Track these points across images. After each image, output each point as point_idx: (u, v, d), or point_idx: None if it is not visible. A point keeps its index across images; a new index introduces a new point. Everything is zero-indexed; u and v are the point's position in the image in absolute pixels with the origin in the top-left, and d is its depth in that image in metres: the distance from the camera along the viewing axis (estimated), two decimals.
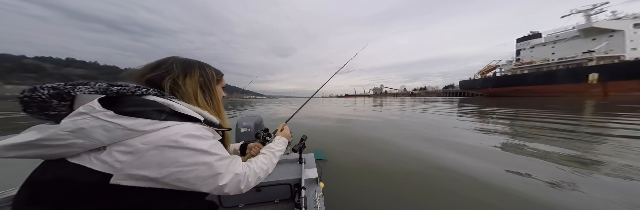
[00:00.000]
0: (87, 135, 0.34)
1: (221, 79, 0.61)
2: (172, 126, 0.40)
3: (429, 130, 4.65)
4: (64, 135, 0.33)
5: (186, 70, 0.51)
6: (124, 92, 0.40)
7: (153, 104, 0.41)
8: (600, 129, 4.46)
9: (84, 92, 0.37)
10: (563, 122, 5.44)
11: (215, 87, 0.57)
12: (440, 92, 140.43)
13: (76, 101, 0.39)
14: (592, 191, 1.68)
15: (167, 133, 0.39)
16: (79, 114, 0.35)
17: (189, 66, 0.52)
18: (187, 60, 0.54)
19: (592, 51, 34.53)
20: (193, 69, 0.53)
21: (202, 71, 0.54)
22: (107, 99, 0.38)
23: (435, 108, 12.28)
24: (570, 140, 3.46)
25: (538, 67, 39.88)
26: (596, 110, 8.79)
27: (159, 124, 0.39)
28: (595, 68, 30.76)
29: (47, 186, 0.34)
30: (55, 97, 0.36)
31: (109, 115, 0.35)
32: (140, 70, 0.49)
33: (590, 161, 2.41)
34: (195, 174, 0.40)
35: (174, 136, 0.39)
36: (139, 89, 0.42)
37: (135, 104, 0.40)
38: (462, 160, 2.46)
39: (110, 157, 0.35)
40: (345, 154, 2.84)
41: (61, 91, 0.36)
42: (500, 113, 8.47)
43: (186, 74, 0.51)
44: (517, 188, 1.73)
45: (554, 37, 41.92)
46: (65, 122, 0.34)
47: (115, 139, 0.36)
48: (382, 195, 1.69)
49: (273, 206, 0.99)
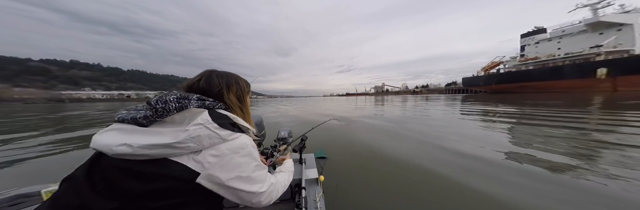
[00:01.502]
0: (199, 141, 0.43)
1: (249, 90, 0.65)
2: (240, 136, 0.49)
3: (430, 128, 4.57)
4: (188, 139, 0.42)
5: (228, 83, 0.58)
6: (210, 107, 0.50)
7: (226, 117, 0.50)
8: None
9: (194, 105, 0.47)
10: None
11: (246, 99, 0.63)
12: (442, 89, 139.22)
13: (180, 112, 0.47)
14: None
15: (239, 142, 0.48)
16: (197, 124, 0.44)
17: (228, 79, 0.59)
18: (225, 73, 0.60)
19: (600, 45, 33.75)
20: (233, 82, 0.59)
21: (237, 84, 0.60)
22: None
23: (435, 106, 12.09)
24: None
25: (543, 62, 39.16)
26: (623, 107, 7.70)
27: (234, 134, 0.48)
28: (603, 62, 30.05)
29: (147, 179, 0.40)
30: (179, 109, 0.45)
31: (214, 127, 0.45)
32: (195, 82, 0.56)
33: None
34: (248, 179, 0.48)
35: (244, 144, 0.49)
36: (216, 103, 0.52)
37: (219, 116, 0.48)
38: (464, 159, 2.41)
39: (203, 158, 0.44)
40: (345, 153, 2.82)
41: (183, 105, 0.46)
42: (505, 111, 8.21)
43: (229, 87, 0.58)
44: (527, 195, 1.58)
45: (559, 31, 41.00)
46: (192, 129, 0.43)
47: (212, 145, 0.45)
48: (383, 193, 1.67)
49: (273, 206, 0.98)
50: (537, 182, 1.79)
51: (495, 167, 2.16)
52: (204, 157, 0.43)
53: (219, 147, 0.45)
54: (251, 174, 0.49)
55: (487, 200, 1.51)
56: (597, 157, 2.39)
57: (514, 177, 1.88)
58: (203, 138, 0.43)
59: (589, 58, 33.51)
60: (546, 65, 38.32)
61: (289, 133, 1.29)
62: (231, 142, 0.47)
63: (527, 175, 1.93)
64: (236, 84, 0.60)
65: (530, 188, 1.68)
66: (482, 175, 1.98)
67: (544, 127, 4.27)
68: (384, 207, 1.47)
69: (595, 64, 30.55)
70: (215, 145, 0.45)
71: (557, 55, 37.94)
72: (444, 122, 5.53)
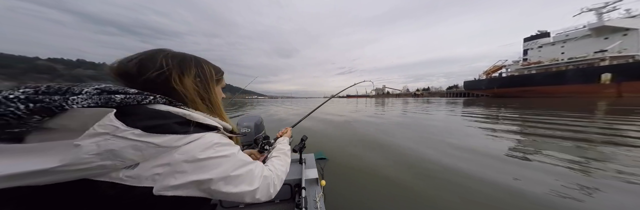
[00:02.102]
0: (117, 156, 0.30)
1: (221, 78, 0.53)
2: (200, 138, 0.38)
3: (431, 130, 4.50)
4: (89, 158, 0.29)
5: (182, 67, 0.43)
6: (128, 102, 0.33)
7: (169, 115, 0.36)
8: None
9: (80, 104, 0.30)
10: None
11: (214, 88, 0.49)
12: (443, 92, 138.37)
13: (63, 114, 0.29)
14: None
15: (198, 144, 0.37)
16: (98, 135, 0.29)
17: (183, 62, 0.43)
18: (181, 54, 0.45)
19: (605, 50, 33.17)
20: (189, 65, 0.44)
21: (198, 69, 0.46)
22: (120, 113, 0.32)
23: (436, 108, 12.04)
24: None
25: (546, 66, 38.57)
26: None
27: (188, 137, 0.36)
28: (608, 68, 29.46)
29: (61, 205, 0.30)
30: (39, 112, 0.28)
31: (136, 134, 0.31)
32: (124, 67, 0.40)
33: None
34: (229, 180, 0.39)
35: (207, 144, 0.38)
36: (144, 96, 0.35)
37: (151, 116, 0.34)
38: (465, 160, 2.39)
39: (146, 171, 0.32)
40: (345, 153, 2.80)
41: (48, 105, 0.28)
42: (509, 112, 8.02)
43: (183, 71, 0.43)
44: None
45: (563, 36, 40.47)
46: (87, 143, 0.29)
47: (148, 157, 0.33)
48: (383, 194, 1.66)
49: (273, 206, 0.98)
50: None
51: (495, 164, 2.18)
52: (144, 171, 0.32)
53: (167, 156, 0.34)
54: (231, 173, 0.39)
55: (487, 201, 1.49)
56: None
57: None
58: (124, 151, 0.30)
59: (593, 63, 32.90)
60: (549, 69, 37.75)
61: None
62: (185, 147, 0.35)
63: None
64: (198, 67, 0.45)
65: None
66: (480, 174, 1.97)
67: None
68: (384, 207, 1.46)
69: (600, 69, 30.00)
70: (160, 155, 0.33)
71: (561, 59, 37.34)
72: (446, 123, 5.46)
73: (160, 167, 0.33)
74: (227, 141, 0.43)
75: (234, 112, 10.94)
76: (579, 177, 1.99)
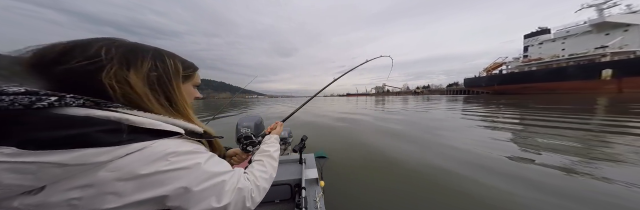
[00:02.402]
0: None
1: (192, 74, 0.43)
2: (145, 148, 0.29)
3: (431, 129, 4.44)
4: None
5: (129, 58, 0.33)
6: (4, 106, 0.24)
7: (87, 122, 0.26)
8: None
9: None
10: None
11: (178, 85, 0.39)
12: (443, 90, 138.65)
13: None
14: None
15: (141, 155, 0.29)
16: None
17: (133, 52, 0.34)
18: (135, 44, 0.36)
19: (605, 46, 33.06)
20: (141, 57, 0.35)
21: (156, 62, 0.36)
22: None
23: (436, 106, 12.08)
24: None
25: (547, 63, 38.49)
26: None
27: (121, 149, 0.27)
28: (608, 64, 29.37)
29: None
30: None
31: (8, 154, 0.22)
32: (40, 55, 0.29)
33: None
34: (190, 196, 0.31)
35: (154, 156, 0.29)
36: (38, 98, 0.25)
37: (51, 125, 0.25)
38: (466, 159, 2.38)
39: (55, 197, 0.25)
40: (345, 152, 2.78)
41: None
42: (507, 109, 7.96)
43: (129, 64, 0.33)
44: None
45: (563, 32, 40.36)
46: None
47: (53, 179, 0.25)
48: (383, 193, 1.65)
49: (273, 206, 0.97)
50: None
51: (496, 162, 2.20)
52: (52, 196, 0.25)
53: (87, 176, 0.26)
54: (194, 189, 0.31)
55: (486, 200, 1.48)
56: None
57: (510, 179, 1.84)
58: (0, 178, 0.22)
59: (594, 59, 32.82)
60: (550, 66, 37.67)
61: (289, 133, 1.24)
62: (118, 161, 0.27)
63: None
64: (156, 60, 0.36)
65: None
66: (482, 173, 1.97)
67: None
68: (384, 207, 1.45)
69: (601, 65, 29.90)
70: (76, 175, 0.26)
71: (562, 56, 37.24)
72: (446, 122, 5.34)
73: (78, 190, 0.25)
74: (190, 148, 0.34)
75: (230, 112, 10.81)
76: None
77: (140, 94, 0.33)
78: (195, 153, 0.34)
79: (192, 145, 0.36)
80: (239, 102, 31.04)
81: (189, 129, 0.38)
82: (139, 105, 0.34)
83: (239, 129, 1.77)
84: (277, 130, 0.74)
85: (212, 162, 0.36)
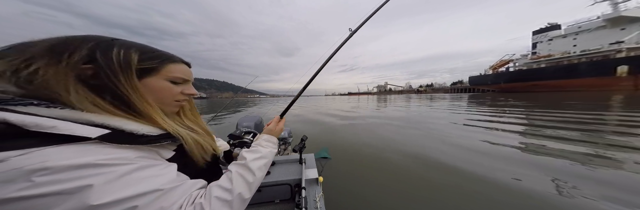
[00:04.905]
0: None
1: (157, 66, 0.35)
2: (13, 157, 0.22)
3: (434, 129, 4.21)
4: None
5: (55, 49, 0.28)
6: None
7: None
8: None
9: None
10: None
11: (128, 80, 0.32)
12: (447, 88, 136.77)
13: None
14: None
15: (16, 163, 0.22)
16: None
17: (65, 43, 0.29)
18: (81, 36, 0.31)
19: (621, 42, 31.55)
20: (73, 48, 0.29)
21: (97, 53, 0.30)
22: None
23: (445, 105, 11.74)
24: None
25: (557, 60, 37.04)
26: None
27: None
28: (624, 60, 27.99)
29: None
30: None
31: None
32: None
33: None
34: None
35: (7, 174, 0.21)
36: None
37: None
38: (468, 159, 2.32)
39: None
40: (346, 152, 2.77)
41: None
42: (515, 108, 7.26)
43: (53, 56, 0.28)
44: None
45: (575, 28, 38.63)
46: None
47: None
48: (384, 192, 1.64)
49: (273, 206, 0.98)
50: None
51: (497, 160, 2.17)
52: None
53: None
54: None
55: (487, 199, 1.49)
56: None
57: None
58: None
59: (608, 55, 31.38)
60: (560, 63, 36.24)
61: (289, 133, 1.22)
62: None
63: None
64: (98, 50, 0.30)
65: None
66: (484, 168, 2.00)
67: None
68: (385, 207, 1.45)
69: (616, 61, 28.50)
70: None
71: (573, 52, 35.75)
72: (449, 122, 5.03)
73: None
74: (93, 159, 0.25)
75: (225, 112, 10.62)
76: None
77: (58, 89, 0.28)
78: (99, 166, 0.25)
79: (109, 154, 0.27)
80: (242, 101, 32.35)
81: (124, 129, 0.30)
82: (63, 103, 0.28)
83: (239, 129, 1.53)
84: (272, 128, 0.56)
85: (127, 179, 0.26)
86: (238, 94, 5.38)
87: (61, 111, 0.27)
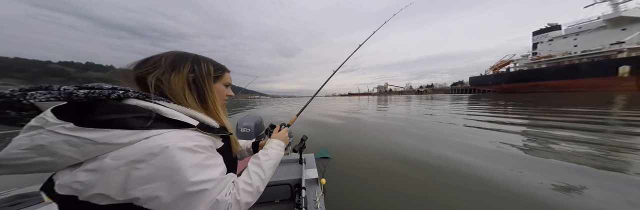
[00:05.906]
0: (52, 153, 0.28)
1: (221, 74, 0.50)
2: (154, 136, 0.32)
3: (434, 129, 4.26)
4: (22, 153, 0.27)
5: (175, 64, 0.42)
6: (94, 96, 0.31)
7: (132, 109, 0.33)
8: None
9: (39, 99, 0.29)
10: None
11: (209, 84, 0.46)
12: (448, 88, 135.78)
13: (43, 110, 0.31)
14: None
15: (147, 144, 0.31)
16: (31, 128, 0.29)
17: (179, 60, 0.43)
18: (182, 53, 0.45)
19: (622, 42, 31.35)
20: (183, 63, 0.43)
21: (194, 66, 0.44)
22: (70, 106, 0.31)
23: (447, 105, 11.70)
24: None
25: (558, 60, 36.86)
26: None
27: (141, 133, 0.31)
28: (626, 60, 27.80)
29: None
30: (6, 108, 0.29)
31: (68, 128, 0.28)
32: (126, 68, 0.42)
33: None
34: (164, 199, 0.30)
35: (155, 148, 0.31)
36: (114, 91, 0.34)
37: (109, 110, 0.32)
38: (468, 160, 2.28)
39: (71, 177, 0.29)
40: (347, 152, 2.77)
41: (8, 99, 0.29)
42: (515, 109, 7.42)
43: (174, 69, 0.42)
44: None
45: (575, 28, 38.51)
46: (19, 138, 0.28)
47: (89, 155, 0.29)
48: (384, 194, 1.62)
49: (273, 206, 0.98)
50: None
51: (500, 161, 2.13)
52: (72, 175, 0.29)
53: (97, 160, 0.29)
54: (166, 195, 0.30)
55: (489, 201, 1.46)
56: None
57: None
58: (57, 147, 0.28)
59: (609, 55, 31.16)
60: (561, 63, 36.06)
61: (289, 133, 1.16)
62: (132, 146, 0.30)
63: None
64: (194, 64, 0.44)
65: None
66: (485, 169, 1.96)
67: None
68: (385, 207, 1.43)
69: (617, 61, 28.34)
70: (100, 155, 0.29)
71: (574, 52, 35.57)
72: (450, 122, 5.05)
73: (84, 173, 0.29)
74: (197, 144, 0.35)
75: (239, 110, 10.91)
76: None
77: (178, 90, 0.41)
78: (191, 152, 0.34)
79: (198, 141, 0.36)
80: (242, 102, 32.00)
81: (205, 122, 0.41)
82: (177, 100, 0.41)
83: (239, 129, 1.76)
84: (280, 134, 0.69)
85: (203, 165, 0.35)
86: (238, 95, 5.41)
87: (177, 106, 0.39)
